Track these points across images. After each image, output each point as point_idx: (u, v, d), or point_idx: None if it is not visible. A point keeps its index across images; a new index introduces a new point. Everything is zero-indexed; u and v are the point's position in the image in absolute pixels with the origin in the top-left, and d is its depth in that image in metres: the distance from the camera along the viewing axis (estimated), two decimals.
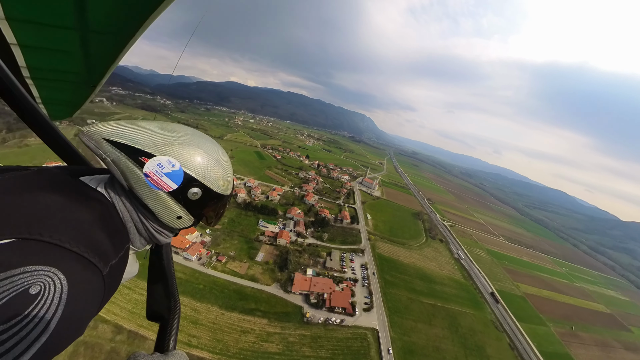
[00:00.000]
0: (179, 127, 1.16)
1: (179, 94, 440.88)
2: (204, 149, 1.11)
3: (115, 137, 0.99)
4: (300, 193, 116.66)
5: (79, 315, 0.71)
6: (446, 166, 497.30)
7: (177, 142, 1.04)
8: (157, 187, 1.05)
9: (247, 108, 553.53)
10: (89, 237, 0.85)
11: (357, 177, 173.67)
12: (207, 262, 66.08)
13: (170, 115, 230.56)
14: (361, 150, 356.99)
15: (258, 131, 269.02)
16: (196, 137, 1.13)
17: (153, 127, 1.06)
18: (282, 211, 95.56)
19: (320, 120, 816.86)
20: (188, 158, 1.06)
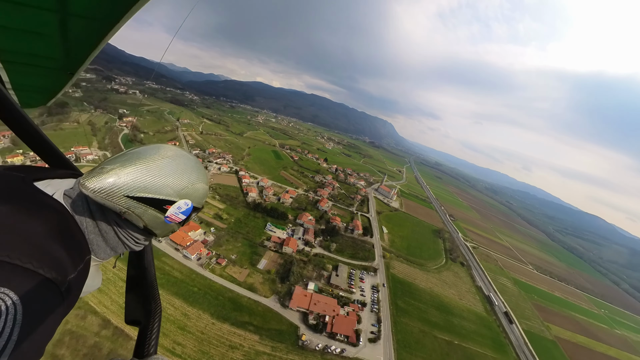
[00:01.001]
0: (185, 161, 1.21)
1: (207, 90, 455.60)
2: (204, 181, 1.27)
3: (140, 193, 1.01)
4: (314, 198, 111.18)
5: (37, 336, 0.68)
6: (470, 180, 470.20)
7: (190, 184, 1.16)
8: (171, 222, 1.19)
9: (270, 108, 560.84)
10: (43, 250, 0.79)
11: (373, 183, 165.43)
12: (206, 263, 62.25)
13: (196, 110, 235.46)
14: (379, 156, 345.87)
15: (278, 130, 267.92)
16: (197, 170, 1.24)
17: (165, 170, 1.10)
18: (292, 216, 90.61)
19: (342, 124, 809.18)
20: (197, 195, 1.22)
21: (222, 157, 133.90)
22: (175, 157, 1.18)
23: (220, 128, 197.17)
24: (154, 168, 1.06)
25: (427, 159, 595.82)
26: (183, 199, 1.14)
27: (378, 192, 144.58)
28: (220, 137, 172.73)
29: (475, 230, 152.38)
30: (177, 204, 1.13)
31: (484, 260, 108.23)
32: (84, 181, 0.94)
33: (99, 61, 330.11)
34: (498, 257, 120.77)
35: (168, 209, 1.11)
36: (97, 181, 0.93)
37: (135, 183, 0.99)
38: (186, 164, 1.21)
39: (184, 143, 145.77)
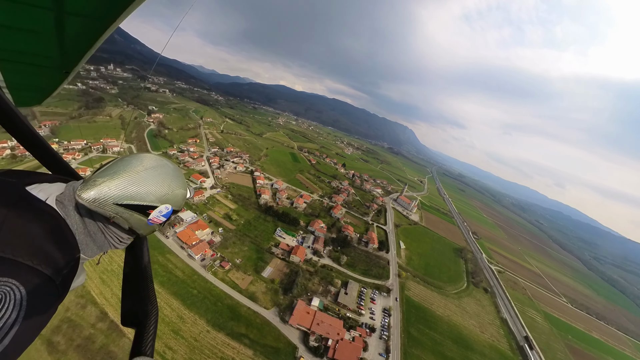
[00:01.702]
0: (165, 170, 1.37)
1: (232, 92, 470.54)
2: (183, 187, 1.45)
3: (127, 201, 1.18)
4: (328, 204, 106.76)
5: (36, 322, 0.80)
6: (496, 194, 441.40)
7: (171, 191, 1.34)
8: (152, 224, 1.37)
9: (291, 110, 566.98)
10: (41, 249, 0.92)
11: (391, 192, 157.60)
12: (209, 265, 60.02)
13: (219, 109, 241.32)
14: (398, 163, 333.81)
15: (298, 133, 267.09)
16: (176, 177, 1.41)
17: (148, 179, 1.26)
18: (304, 222, 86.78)
19: (362, 129, 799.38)
20: (177, 200, 1.39)
21: (239, 156, 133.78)
22: (157, 167, 1.34)
23: (241, 128, 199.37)
24: (138, 178, 1.22)
25: (450, 170, 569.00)
26: (164, 204, 1.31)
27: (397, 203, 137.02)
28: (240, 136, 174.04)
29: (501, 251, 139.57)
30: (159, 209, 1.30)
31: (510, 288, 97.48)
32: (80, 192, 1.10)
33: (136, 62, 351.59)
34: (527, 285, 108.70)
35: (151, 212, 1.28)
36: (91, 192, 1.10)
37: (122, 192, 1.16)
38: (166, 172, 1.36)
39: (204, 141, 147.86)
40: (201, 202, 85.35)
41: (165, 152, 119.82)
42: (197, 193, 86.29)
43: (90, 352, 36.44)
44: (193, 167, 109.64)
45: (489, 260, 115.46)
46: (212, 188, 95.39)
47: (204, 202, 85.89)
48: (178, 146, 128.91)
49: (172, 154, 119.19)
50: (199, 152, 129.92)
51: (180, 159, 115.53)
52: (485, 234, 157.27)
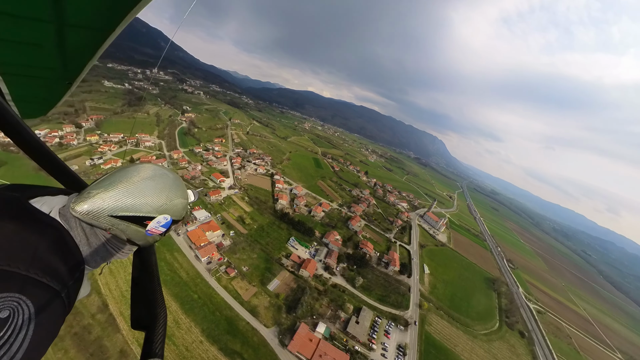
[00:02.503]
0: (163, 180, 1.32)
1: (262, 96, 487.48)
2: (183, 197, 1.41)
3: (122, 212, 1.15)
4: (346, 214, 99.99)
5: (46, 336, 0.80)
6: (534, 216, 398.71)
7: (169, 201, 1.30)
8: (152, 234, 1.33)
9: (318, 116, 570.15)
10: (46, 263, 0.92)
11: (418, 207, 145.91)
12: (214, 269, 56.88)
13: (248, 112, 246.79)
14: (426, 176, 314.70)
15: (323, 139, 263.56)
16: (175, 187, 1.36)
17: (145, 190, 1.22)
18: (320, 232, 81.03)
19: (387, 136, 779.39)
20: (176, 210, 1.35)
21: (261, 158, 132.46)
22: (154, 177, 1.29)
23: (267, 130, 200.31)
24: (134, 189, 1.19)
25: (482, 186, 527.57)
26: (162, 214, 1.27)
27: (423, 220, 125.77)
28: (264, 138, 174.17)
29: (541, 286, 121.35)
30: (157, 219, 1.26)
31: (552, 334, 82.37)
32: (74, 205, 1.08)
33: (177, 66, 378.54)
34: (572, 333, 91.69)
35: (148, 224, 1.25)
36: (84, 205, 1.08)
37: (117, 204, 1.13)
38: (164, 182, 1.32)
39: (230, 141, 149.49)
40: (217, 201, 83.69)
41: (192, 150, 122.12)
42: (213, 193, 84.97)
43: (85, 342, 35.95)
44: (215, 166, 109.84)
45: (526, 296, 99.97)
46: (230, 188, 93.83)
47: (220, 202, 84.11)
48: (204, 145, 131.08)
49: (197, 151, 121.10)
50: (223, 151, 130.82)
51: (204, 157, 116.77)
52: (522, 263, 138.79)
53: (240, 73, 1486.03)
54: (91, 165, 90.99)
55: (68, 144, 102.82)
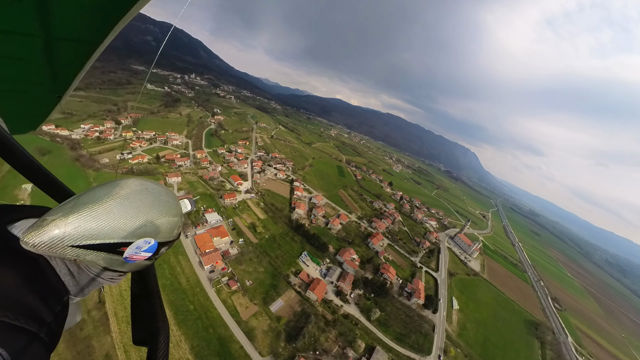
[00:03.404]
0: (141, 198, 1.11)
1: (290, 102, 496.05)
2: (171, 214, 1.19)
3: (86, 241, 0.95)
4: (366, 229, 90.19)
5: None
6: (582, 245, 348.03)
7: (149, 222, 1.08)
8: (134, 261, 1.12)
9: (345, 123, 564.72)
10: (18, 301, 0.80)
11: (447, 227, 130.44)
12: (216, 279, 52.12)
13: (275, 117, 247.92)
14: (457, 191, 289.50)
15: (348, 146, 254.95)
16: (158, 205, 1.15)
17: (115, 212, 1.01)
18: (334, 248, 72.58)
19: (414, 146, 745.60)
20: (161, 231, 1.14)
21: (283, 162, 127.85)
22: (130, 195, 1.09)
23: (292, 135, 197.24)
24: (101, 213, 0.99)
25: (519, 204, 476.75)
26: (142, 238, 1.08)
27: (454, 242, 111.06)
28: (288, 143, 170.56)
29: (595, 335, 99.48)
30: (135, 244, 1.07)
31: None
32: (23, 236, 0.90)
33: (213, 72, 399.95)
34: None
35: (124, 250, 1.06)
36: (35, 236, 0.89)
37: (79, 232, 0.93)
38: (142, 200, 1.11)
39: (253, 144, 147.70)
40: (231, 205, 79.34)
41: (215, 151, 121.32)
42: (228, 196, 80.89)
43: (75, 338, 34.63)
44: (235, 168, 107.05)
45: (577, 349, 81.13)
46: (247, 192, 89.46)
47: (234, 205, 79.65)
48: (228, 146, 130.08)
49: (220, 152, 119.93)
50: (246, 154, 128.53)
51: (226, 158, 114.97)
52: (570, 304, 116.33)
53: (270, 80, 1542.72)
54: (120, 160, 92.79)
55: (105, 139, 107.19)
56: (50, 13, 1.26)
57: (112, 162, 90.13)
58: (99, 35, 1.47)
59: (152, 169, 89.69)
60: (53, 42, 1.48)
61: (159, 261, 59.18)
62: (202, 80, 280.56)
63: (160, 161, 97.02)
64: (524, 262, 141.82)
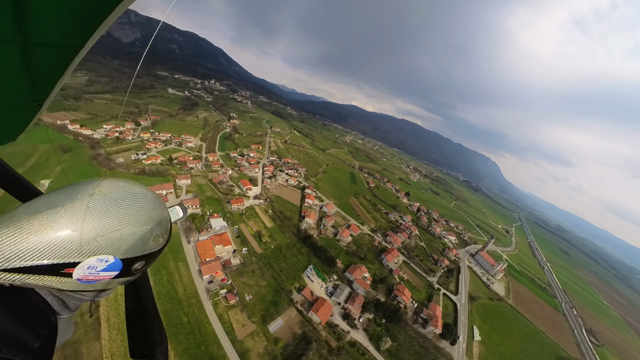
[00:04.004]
0: (94, 206, 0.90)
1: (306, 108, 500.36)
2: (140, 222, 0.97)
3: (17, 263, 0.76)
4: (380, 244, 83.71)
5: None
6: (619, 267, 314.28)
7: (102, 234, 0.86)
8: (96, 281, 0.92)
9: (359, 130, 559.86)
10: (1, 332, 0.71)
11: (468, 242, 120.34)
12: (214, 291, 48.96)
13: (291, 122, 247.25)
14: (477, 203, 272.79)
15: (362, 152, 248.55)
16: (117, 211, 0.93)
17: (53, 225, 0.81)
18: (343, 263, 66.97)
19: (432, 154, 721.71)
20: (120, 247, 0.90)
21: (295, 168, 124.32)
22: (81, 200, 0.88)
23: (306, 141, 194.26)
24: (35, 227, 0.79)
25: (544, 219, 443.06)
26: (94, 256, 0.86)
27: (475, 261, 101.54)
28: (302, 149, 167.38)
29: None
30: (85, 264, 0.85)
31: None
32: None
33: (232, 78, 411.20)
34: None
35: (72, 271, 0.85)
36: None
37: (9, 249, 0.75)
38: (93, 208, 0.89)
39: (266, 148, 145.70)
40: (238, 211, 76.19)
41: (227, 154, 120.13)
42: (236, 201, 77.90)
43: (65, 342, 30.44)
44: (246, 172, 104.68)
45: None
46: (256, 198, 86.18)
47: (241, 212, 76.41)
48: (241, 150, 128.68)
49: (233, 156, 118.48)
50: (258, 158, 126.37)
51: (238, 162, 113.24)
52: (608, 337, 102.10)
53: (287, 86, 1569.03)
54: (134, 160, 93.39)
55: (124, 139, 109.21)
56: (28, 18, 1.19)
57: (127, 162, 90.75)
58: (80, 38, 1.41)
59: (163, 170, 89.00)
60: (31, 47, 1.41)
61: (157, 266, 56.53)
62: (220, 86, 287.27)
63: (172, 163, 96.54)
64: (554, 285, 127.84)
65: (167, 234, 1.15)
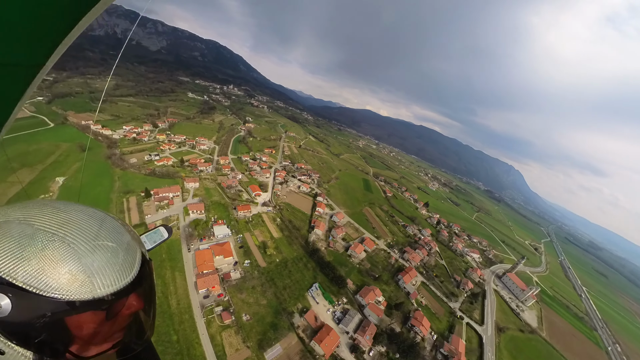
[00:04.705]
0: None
1: (322, 114, 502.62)
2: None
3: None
4: (397, 262, 75.78)
5: None
6: None
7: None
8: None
9: (374, 135, 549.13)
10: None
11: (493, 261, 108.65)
12: (208, 307, 44.51)
13: (306, 127, 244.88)
14: (500, 215, 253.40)
15: (376, 158, 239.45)
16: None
17: None
18: (355, 283, 60.02)
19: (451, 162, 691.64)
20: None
21: (308, 174, 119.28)
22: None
23: (321, 146, 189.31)
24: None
25: (575, 234, 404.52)
26: None
27: (502, 283, 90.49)
28: (316, 154, 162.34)
29: None
30: None
31: None
32: None
33: (250, 84, 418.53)
34: None
35: None
36: None
37: None
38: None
39: (280, 152, 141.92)
40: (244, 218, 71.93)
41: (239, 158, 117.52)
42: (243, 208, 73.71)
43: None
44: (256, 177, 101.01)
45: None
46: (264, 205, 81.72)
47: (248, 219, 72.06)
48: (253, 154, 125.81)
49: (245, 160, 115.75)
50: (270, 162, 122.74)
51: (249, 166, 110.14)
52: None
53: (304, 92, 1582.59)
54: (147, 160, 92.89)
55: (140, 140, 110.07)
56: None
57: (139, 163, 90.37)
58: (41, 58, 1.35)
59: (173, 172, 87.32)
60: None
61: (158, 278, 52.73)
62: (238, 91, 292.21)
63: (183, 165, 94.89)
64: (592, 314, 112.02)
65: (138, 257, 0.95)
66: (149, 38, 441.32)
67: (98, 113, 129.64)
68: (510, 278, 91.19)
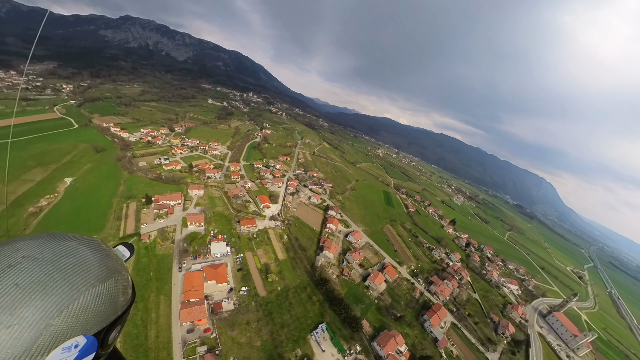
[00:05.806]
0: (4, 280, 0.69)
1: (338, 120, 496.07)
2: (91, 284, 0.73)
3: None
4: (422, 296, 63.03)
5: None
6: None
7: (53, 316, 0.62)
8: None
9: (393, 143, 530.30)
10: None
11: (535, 294, 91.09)
12: (191, 345, 36.33)
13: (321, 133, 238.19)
14: (534, 234, 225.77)
15: (397, 168, 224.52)
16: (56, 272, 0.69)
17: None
18: (372, 325, 48.53)
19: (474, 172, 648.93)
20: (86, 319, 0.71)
21: (320, 184, 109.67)
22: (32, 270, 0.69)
23: (336, 153, 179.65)
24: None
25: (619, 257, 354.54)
26: (57, 347, 0.65)
27: (547, 324, 74.01)
28: (330, 161, 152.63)
29: None
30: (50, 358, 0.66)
31: None
32: None
33: (270, 92, 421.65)
34: None
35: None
36: None
37: None
38: (25, 281, 0.68)
39: (294, 160, 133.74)
40: (248, 234, 63.38)
41: (252, 164, 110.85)
42: (247, 222, 65.40)
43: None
44: (267, 186, 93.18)
45: None
46: (272, 219, 73.02)
47: (251, 236, 63.43)
48: (267, 161, 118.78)
49: (257, 167, 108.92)
50: (284, 170, 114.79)
51: (261, 174, 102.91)
52: None
53: (320, 100, 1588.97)
54: (156, 164, 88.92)
55: (154, 143, 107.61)
56: None
57: (148, 166, 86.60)
58: None
59: (179, 178, 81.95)
60: None
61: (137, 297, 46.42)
62: (258, 98, 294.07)
63: (191, 170, 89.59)
64: None
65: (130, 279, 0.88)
66: (177, 49, 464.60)
67: (120, 116, 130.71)
68: (558, 318, 74.39)
